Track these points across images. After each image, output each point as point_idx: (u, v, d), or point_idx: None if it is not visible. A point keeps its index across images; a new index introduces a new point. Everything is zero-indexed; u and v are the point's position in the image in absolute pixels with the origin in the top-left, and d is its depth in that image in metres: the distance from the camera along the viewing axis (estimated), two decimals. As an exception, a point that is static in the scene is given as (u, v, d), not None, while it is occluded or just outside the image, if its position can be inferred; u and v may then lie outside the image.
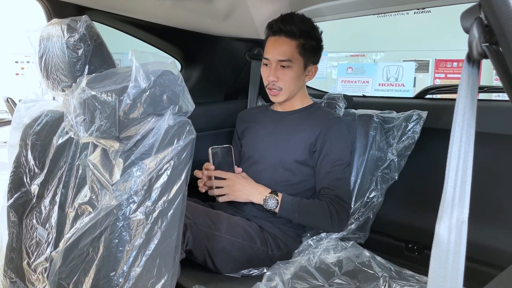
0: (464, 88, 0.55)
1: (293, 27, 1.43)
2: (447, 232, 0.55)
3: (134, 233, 0.86)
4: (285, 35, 1.44)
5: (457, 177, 0.55)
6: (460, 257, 0.55)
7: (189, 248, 1.22)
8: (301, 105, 1.57)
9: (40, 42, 1.15)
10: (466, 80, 0.55)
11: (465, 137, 0.56)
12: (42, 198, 1.19)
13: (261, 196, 1.38)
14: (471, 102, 0.56)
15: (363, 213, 1.55)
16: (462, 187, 0.56)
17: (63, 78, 1.08)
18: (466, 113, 0.56)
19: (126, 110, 0.83)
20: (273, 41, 1.47)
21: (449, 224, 0.55)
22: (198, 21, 1.70)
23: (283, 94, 1.49)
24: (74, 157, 1.09)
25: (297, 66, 1.46)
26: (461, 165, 0.56)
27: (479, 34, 0.52)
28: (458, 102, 0.55)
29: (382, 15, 1.62)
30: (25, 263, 1.20)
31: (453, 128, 0.55)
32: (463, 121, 0.55)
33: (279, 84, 1.47)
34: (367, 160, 1.57)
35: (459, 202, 0.55)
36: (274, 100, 1.53)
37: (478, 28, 0.52)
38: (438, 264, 0.55)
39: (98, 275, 0.88)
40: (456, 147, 0.55)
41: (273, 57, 1.46)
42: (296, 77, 1.48)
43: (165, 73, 0.87)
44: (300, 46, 1.45)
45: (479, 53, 0.53)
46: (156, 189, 0.87)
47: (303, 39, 1.45)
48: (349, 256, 1.37)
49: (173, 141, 0.87)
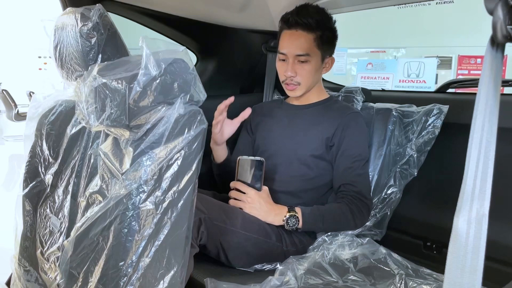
0: (487, 74, 0.52)
1: (310, 19, 1.39)
2: (466, 226, 0.52)
3: (144, 223, 0.85)
4: (302, 28, 1.40)
5: (478, 169, 0.52)
6: (479, 253, 0.52)
7: (203, 243, 1.20)
8: (318, 99, 1.54)
9: (55, 31, 1.14)
10: (489, 65, 0.52)
11: (488, 126, 0.52)
12: (55, 187, 1.19)
13: (278, 217, 1.31)
14: (494, 89, 0.53)
15: (380, 210, 1.51)
16: (483, 179, 0.52)
17: (77, 68, 1.08)
18: (489, 100, 0.52)
19: (136, 98, 0.81)
20: (289, 35, 1.43)
21: (468, 218, 0.52)
22: (214, 12, 1.68)
23: (301, 88, 1.46)
24: (86, 146, 1.08)
25: (315, 59, 1.43)
26: (483, 156, 0.52)
27: (504, 15, 0.48)
28: (480, 89, 0.52)
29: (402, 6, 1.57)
30: (39, 252, 1.21)
31: (474, 116, 0.52)
32: (485, 109, 0.52)
33: (297, 79, 1.44)
34: (384, 155, 1.53)
35: (480, 194, 0.52)
36: (291, 95, 1.50)
37: (504, 9, 0.49)
38: (456, 259, 0.52)
39: (107, 264, 0.87)
40: (477, 137, 0.52)
41: (291, 52, 1.42)
42: (314, 71, 1.45)
43: (177, 61, 0.85)
44: (317, 39, 1.41)
45: (504, 35, 0.49)
46: (166, 179, 0.86)
47: (320, 31, 1.41)
48: (365, 253, 1.33)
49: (184, 130, 0.86)
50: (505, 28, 0.49)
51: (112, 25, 1.09)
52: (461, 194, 0.52)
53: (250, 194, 1.30)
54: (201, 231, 1.16)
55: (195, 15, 1.70)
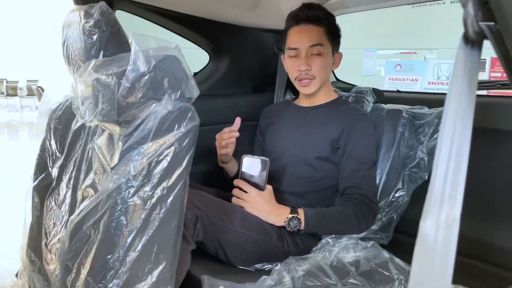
0: (460, 73, 0.50)
1: (320, 13, 1.42)
2: (434, 230, 0.50)
3: (132, 218, 0.86)
4: (312, 22, 1.41)
5: (448, 171, 0.50)
6: (449, 258, 0.50)
7: (200, 240, 1.20)
8: (326, 99, 1.51)
9: (63, 29, 1.18)
10: (462, 63, 0.49)
11: (460, 127, 0.50)
12: (60, 180, 1.22)
13: (279, 218, 1.29)
14: (469, 89, 0.50)
15: (386, 213, 1.47)
16: (454, 183, 0.50)
17: (81, 64, 1.10)
18: (462, 101, 0.50)
19: (124, 94, 0.82)
20: (299, 30, 1.43)
21: (436, 221, 0.50)
22: (226, 11, 1.69)
23: (316, 83, 1.45)
24: (87, 141, 1.11)
25: (327, 52, 1.43)
26: (454, 159, 0.50)
27: (475, 11, 0.46)
28: (451, 88, 0.50)
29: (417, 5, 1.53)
30: (43, 243, 1.25)
31: (444, 116, 0.50)
32: (457, 110, 0.50)
33: (312, 72, 1.42)
34: (393, 158, 1.49)
35: (450, 198, 0.50)
36: (305, 91, 1.48)
37: (475, 4, 0.46)
38: (422, 265, 0.50)
39: (96, 257, 0.89)
40: (447, 138, 0.49)
41: (303, 45, 1.42)
42: (327, 64, 1.45)
43: (168, 58, 0.86)
44: (327, 32, 1.43)
45: (476, 32, 0.47)
46: (155, 175, 0.87)
47: (328, 25, 1.43)
48: (367, 257, 1.30)
49: (174, 127, 0.86)
50: (477, 24, 0.46)
51: (116, 23, 1.11)
52: (428, 197, 0.50)
53: (252, 193, 1.29)
54: (198, 227, 1.16)
55: (207, 14, 1.71)
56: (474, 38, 0.48)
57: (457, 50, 0.49)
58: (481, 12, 0.46)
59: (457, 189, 0.50)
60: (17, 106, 13.33)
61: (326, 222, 1.31)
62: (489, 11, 0.46)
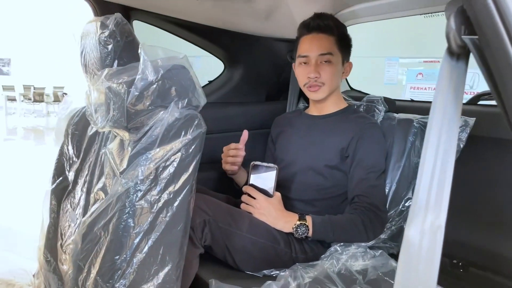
0: (446, 84, 0.51)
1: (330, 22, 1.46)
2: (419, 236, 0.51)
3: (139, 220, 0.90)
4: (323, 31, 1.45)
5: (433, 180, 0.51)
6: (433, 264, 0.51)
7: (208, 244, 1.23)
8: (336, 108, 1.53)
9: (81, 39, 1.23)
10: (447, 75, 0.51)
11: (445, 136, 0.51)
12: (76, 184, 1.27)
13: (287, 225, 1.31)
14: (454, 99, 0.52)
15: (396, 222, 1.47)
16: (439, 191, 0.51)
17: (96, 72, 1.15)
18: (447, 111, 0.51)
19: (133, 101, 0.86)
20: (310, 38, 1.47)
21: (421, 229, 0.51)
22: (239, 21, 1.72)
23: (325, 90, 1.47)
24: (100, 146, 1.15)
25: (336, 60, 1.46)
26: (439, 167, 0.51)
27: (457, 25, 0.48)
28: (436, 98, 0.51)
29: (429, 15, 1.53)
30: (59, 244, 1.29)
31: (429, 126, 0.51)
32: (442, 119, 0.51)
33: (321, 80, 1.45)
34: (403, 167, 1.49)
35: (435, 205, 0.51)
36: (314, 97, 1.51)
37: (457, 19, 0.48)
38: (406, 270, 0.51)
39: (105, 258, 0.92)
40: (432, 147, 0.51)
41: (313, 53, 1.45)
42: (336, 72, 1.47)
43: (175, 67, 0.90)
44: (338, 41, 1.46)
45: (459, 45, 0.49)
46: (162, 180, 0.90)
47: (338, 35, 1.46)
48: (375, 265, 1.30)
49: (180, 133, 0.89)
50: (459, 38, 0.48)
51: (131, 33, 1.16)
52: (413, 204, 0.52)
53: (260, 200, 1.31)
54: (205, 232, 1.19)
55: (221, 24, 1.76)
56: (457, 51, 0.49)
57: (441, 63, 0.51)
58: (464, 26, 0.48)
59: (442, 198, 0.51)
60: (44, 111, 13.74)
61: (334, 230, 1.32)
62: (471, 25, 0.47)
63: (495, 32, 0.43)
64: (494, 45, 0.44)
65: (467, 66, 0.52)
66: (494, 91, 0.48)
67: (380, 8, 1.55)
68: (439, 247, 0.51)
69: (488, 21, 0.43)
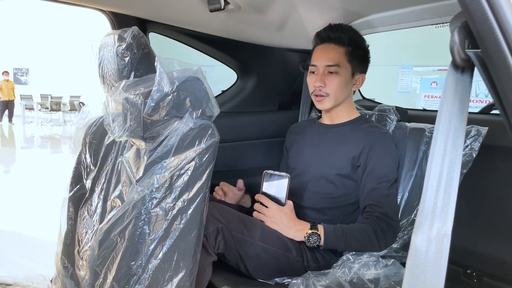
0: (451, 96, 0.53)
1: (342, 34, 1.46)
2: (426, 244, 0.53)
3: (154, 227, 0.92)
4: (334, 42, 1.47)
5: (440, 188, 0.53)
6: (440, 272, 0.52)
7: (221, 252, 1.24)
8: (348, 118, 1.54)
9: (99, 51, 1.27)
10: (453, 87, 0.53)
11: (451, 146, 0.53)
12: (93, 192, 1.31)
13: (299, 233, 1.32)
14: (460, 110, 0.53)
15: (408, 232, 1.47)
16: (446, 199, 0.53)
17: (114, 83, 1.19)
18: (452, 121, 0.53)
19: (149, 112, 0.89)
20: (321, 48, 1.49)
21: (428, 236, 0.53)
22: (252, 32, 1.76)
23: (329, 100, 1.48)
24: (117, 155, 1.19)
25: (345, 72, 1.46)
26: (445, 176, 0.53)
27: (461, 40, 0.50)
28: (441, 110, 0.53)
29: (440, 25, 1.54)
30: (76, 250, 1.33)
31: (435, 136, 0.53)
32: (448, 129, 0.53)
33: (326, 90, 1.47)
34: (416, 176, 1.49)
35: (441, 213, 0.53)
36: (320, 107, 1.53)
37: (461, 34, 0.50)
38: (413, 277, 0.53)
39: (121, 263, 0.95)
40: (438, 156, 0.53)
41: (321, 63, 1.47)
42: (343, 84, 1.47)
43: (190, 79, 0.93)
44: (348, 53, 1.46)
45: (463, 59, 0.50)
46: (177, 188, 0.93)
47: (352, 47, 1.46)
48: (387, 274, 1.31)
49: (194, 143, 0.92)
50: (463, 52, 0.50)
51: (147, 45, 1.20)
52: (419, 212, 0.53)
53: (272, 208, 1.33)
54: (218, 240, 1.20)
55: (234, 35, 1.79)
56: (461, 64, 0.51)
57: (446, 75, 0.53)
58: (468, 40, 0.50)
59: (448, 206, 0.53)
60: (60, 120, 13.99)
61: (345, 239, 1.33)
62: (475, 39, 0.49)
63: (497, 46, 0.45)
64: (496, 58, 0.46)
65: (471, 79, 0.54)
66: (497, 102, 0.49)
67: (393, 19, 1.57)
68: (446, 254, 0.52)
69: (489, 35, 0.45)
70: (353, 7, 1.58)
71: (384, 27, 1.63)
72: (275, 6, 1.53)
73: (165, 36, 1.74)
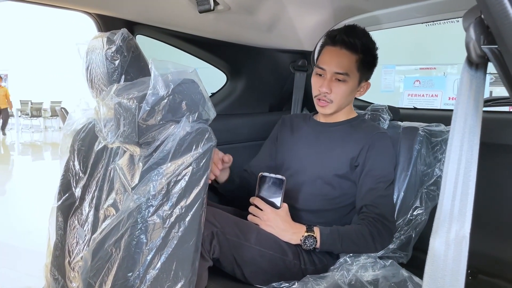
0: (466, 93, 0.51)
1: (357, 41, 1.39)
2: (444, 247, 0.51)
3: (151, 236, 0.89)
4: (346, 48, 1.40)
5: (457, 189, 0.51)
6: (459, 275, 0.51)
7: (217, 257, 1.21)
8: (345, 118, 1.52)
9: (86, 54, 1.23)
10: (467, 84, 0.51)
11: (467, 145, 0.51)
12: (83, 200, 1.26)
13: (295, 236, 1.30)
14: (475, 108, 0.52)
15: (405, 232, 1.46)
16: (463, 200, 0.51)
17: (103, 88, 1.15)
18: (468, 120, 0.51)
19: (144, 117, 0.86)
20: (332, 51, 1.43)
21: (446, 239, 0.51)
22: (242, 33, 1.73)
23: (333, 107, 1.45)
24: (109, 161, 1.15)
25: (353, 81, 1.42)
26: (462, 176, 0.51)
27: (477, 35, 0.48)
28: (457, 108, 0.51)
29: (431, 23, 1.54)
30: (67, 261, 1.28)
31: (451, 135, 0.51)
32: (464, 128, 0.51)
33: (331, 97, 1.43)
34: (410, 176, 1.49)
35: (459, 215, 0.51)
36: (321, 111, 1.49)
37: (477, 29, 0.48)
38: (433, 282, 0.51)
39: (118, 275, 0.91)
40: (455, 156, 0.51)
41: (330, 68, 1.41)
42: (349, 92, 1.44)
43: (185, 82, 0.90)
44: (359, 61, 1.40)
45: (478, 55, 0.49)
46: (174, 194, 0.89)
47: (363, 54, 1.40)
48: (386, 275, 1.29)
49: (191, 147, 0.89)
50: (479, 48, 0.48)
51: (137, 48, 1.16)
52: (437, 215, 0.51)
53: (267, 211, 1.30)
54: (213, 244, 1.18)
55: (223, 37, 1.76)
56: (477, 61, 0.49)
57: (461, 72, 0.51)
58: (483, 36, 0.48)
59: (466, 207, 0.51)
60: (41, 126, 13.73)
61: (342, 241, 1.31)
62: (490, 35, 0.48)
63: (517, 42, 0.43)
64: (517, 54, 0.44)
65: (485, 75, 0.53)
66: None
67: (382, 18, 1.56)
68: (465, 258, 0.50)
69: (509, 31, 0.43)
70: (343, 6, 1.57)
71: (373, 27, 1.62)
72: (265, 7, 1.51)
73: (153, 39, 1.70)
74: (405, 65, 7.64)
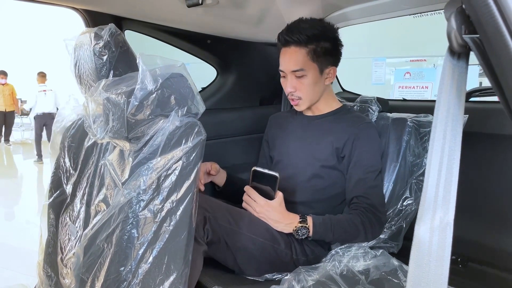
0: (448, 82, 0.52)
1: (300, 36, 1.39)
2: (429, 234, 0.52)
3: (143, 231, 0.89)
4: (294, 44, 1.40)
5: (440, 177, 0.52)
6: (443, 261, 0.52)
7: (210, 239, 1.22)
8: (330, 109, 1.54)
9: (74, 50, 1.22)
10: (449, 74, 0.52)
11: (450, 134, 0.52)
12: (74, 197, 1.26)
13: (288, 227, 1.32)
14: (457, 98, 0.53)
15: (396, 222, 1.48)
16: (447, 188, 0.52)
17: (92, 84, 1.15)
18: (451, 109, 0.52)
19: (133, 112, 0.86)
20: (284, 52, 1.44)
21: (431, 226, 0.52)
22: (231, 27, 1.73)
23: (304, 103, 1.47)
24: (99, 157, 1.15)
25: (312, 73, 1.42)
26: (445, 164, 0.52)
27: (458, 25, 0.49)
28: (440, 98, 0.52)
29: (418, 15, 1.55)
30: (59, 258, 1.28)
31: (434, 124, 0.52)
32: (447, 117, 0.52)
33: (298, 94, 1.45)
34: (400, 166, 1.50)
35: (443, 202, 0.52)
36: (296, 109, 1.53)
37: (458, 19, 0.49)
38: (418, 268, 0.52)
39: (110, 270, 0.92)
40: (438, 145, 0.52)
41: (286, 69, 1.43)
42: (313, 84, 1.44)
43: (174, 76, 0.90)
44: (311, 52, 1.40)
45: (460, 44, 0.50)
46: (164, 189, 0.90)
47: (313, 44, 1.39)
48: (377, 265, 1.31)
49: (181, 141, 0.89)
50: (460, 38, 0.49)
51: (125, 43, 1.15)
52: (421, 202, 0.52)
53: (260, 203, 1.32)
54: (206, 228, 1.19)
55: (212, 31, 1.76)
56: (458, 50, 0.50)
57: (443, 62, 0.52)
58: (464, 26, 0.49)
59: (449, 195, 0.52)
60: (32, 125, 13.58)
61: (334, 230, 1.33)
62: (471, 24, 0.48)
63: (497, 30, 0.44)
64: (496, 42, 0.45)
65: (467, 65, 0.53)
66: (496, 87, 0.49)
67: (371, 10, 1.56)
68: (449, 244, 0.51)
69: (489, 20, 0.44)
70: (332, -1, 1.57)
71: (362, 19, 1.63)
72: (254, 0, 1.51)
73: (142, 34, 1.69)
74: (395, 58, 7.67)
